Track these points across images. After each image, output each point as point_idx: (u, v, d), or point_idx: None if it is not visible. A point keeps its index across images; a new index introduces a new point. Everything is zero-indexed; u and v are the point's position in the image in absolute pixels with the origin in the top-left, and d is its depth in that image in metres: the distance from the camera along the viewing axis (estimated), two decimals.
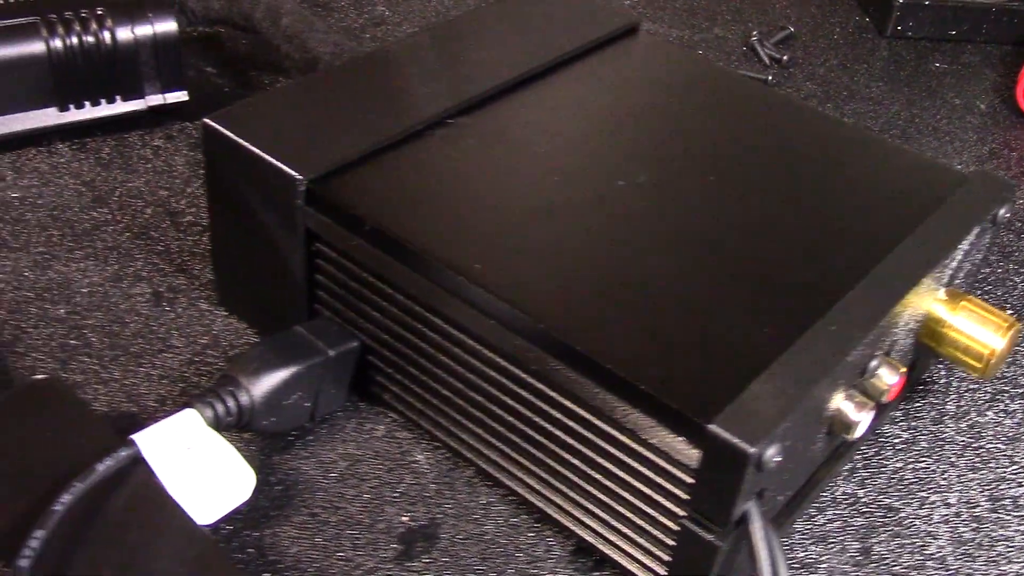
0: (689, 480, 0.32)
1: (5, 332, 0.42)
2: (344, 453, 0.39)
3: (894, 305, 0.35)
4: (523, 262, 0.36)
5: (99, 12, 0.51)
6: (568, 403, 0.34)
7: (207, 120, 0.40)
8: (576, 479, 0.35)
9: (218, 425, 0.36)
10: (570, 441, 0.35)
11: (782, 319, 0.34)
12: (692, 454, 0.31)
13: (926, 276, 0.37)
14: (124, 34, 0.51)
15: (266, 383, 0.37)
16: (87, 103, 0.52)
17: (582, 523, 0.36)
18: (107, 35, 0.51)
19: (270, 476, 0.38)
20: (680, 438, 0.31)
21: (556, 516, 0.37)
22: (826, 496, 0.40)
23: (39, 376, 0.38)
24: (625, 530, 0.35)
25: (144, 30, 0.51)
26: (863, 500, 0.40)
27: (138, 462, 0.34)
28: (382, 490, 0.38)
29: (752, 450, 0.29)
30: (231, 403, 0.37)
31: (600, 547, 0.36)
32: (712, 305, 0.35)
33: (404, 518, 0.37)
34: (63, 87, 0.51)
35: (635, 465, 0.33)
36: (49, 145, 0.52)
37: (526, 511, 0.38)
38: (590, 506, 0.36)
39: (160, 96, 0.53)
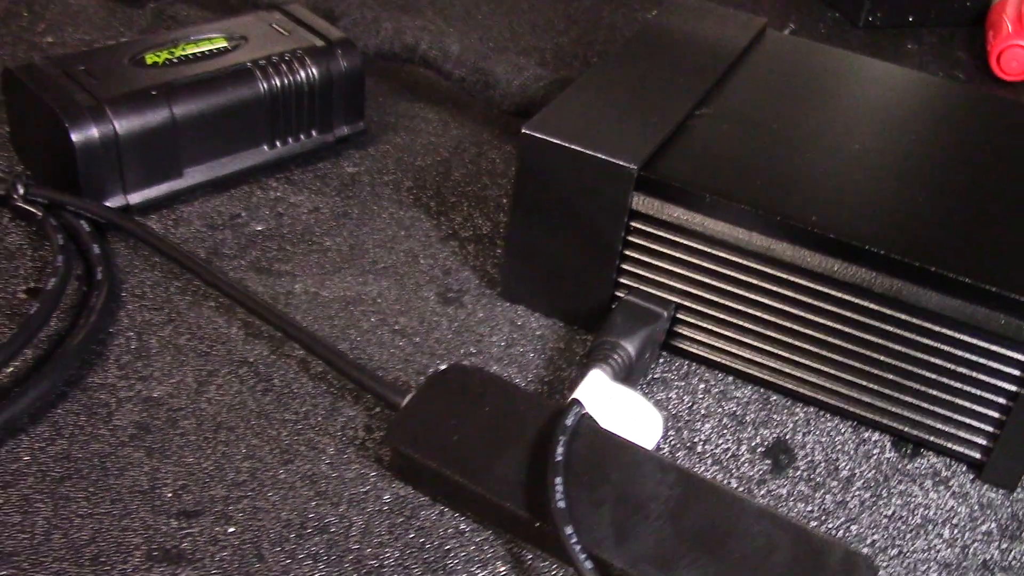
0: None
1: (339, 342, 0.46)
2: (676, 397, 0.46)
3: None
4: (846, 210, 0.44)
5: (299, 54, 0.55)
6: (905, 316, 0.42)
7: (525, 130, 0.46)
8: (905, 381, 0.44)
9: (615, 379, 0.43)
10: (903, 349, 0.43)
11: None
12: None
13: None
14: (322, 73, 0.56)
15: (635, 343, 0.44)
16: (290, 139, 0.56)
17: (906, 419, 0.45)
18: (310, 75, 0.55)
19: None
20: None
21: (876, 418, 0.45)
22: None
23: (464, 363, 0.43)
24: (951, 414, 0.44)
25: (336, 68, 0.56)
26: None
27: (584, 416, 0.40)
28: (724, 420, 0.46)
29: None
30: (620, 361, 0.43)
31: (923, 435, 0.45)
32: (1006, 221, 0.44)
33: (755, 431, 0.45)
34: (275, 126, 0.55)
35: (970, 356, 0.42)
36: (257, 180, 0.56)
37: (840, 419, 0.46)
38: (917, 402, 0.44)
39: (344, 128, 0.58)
